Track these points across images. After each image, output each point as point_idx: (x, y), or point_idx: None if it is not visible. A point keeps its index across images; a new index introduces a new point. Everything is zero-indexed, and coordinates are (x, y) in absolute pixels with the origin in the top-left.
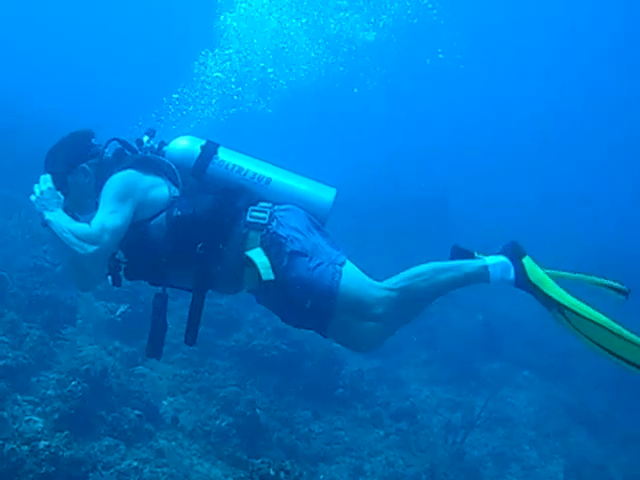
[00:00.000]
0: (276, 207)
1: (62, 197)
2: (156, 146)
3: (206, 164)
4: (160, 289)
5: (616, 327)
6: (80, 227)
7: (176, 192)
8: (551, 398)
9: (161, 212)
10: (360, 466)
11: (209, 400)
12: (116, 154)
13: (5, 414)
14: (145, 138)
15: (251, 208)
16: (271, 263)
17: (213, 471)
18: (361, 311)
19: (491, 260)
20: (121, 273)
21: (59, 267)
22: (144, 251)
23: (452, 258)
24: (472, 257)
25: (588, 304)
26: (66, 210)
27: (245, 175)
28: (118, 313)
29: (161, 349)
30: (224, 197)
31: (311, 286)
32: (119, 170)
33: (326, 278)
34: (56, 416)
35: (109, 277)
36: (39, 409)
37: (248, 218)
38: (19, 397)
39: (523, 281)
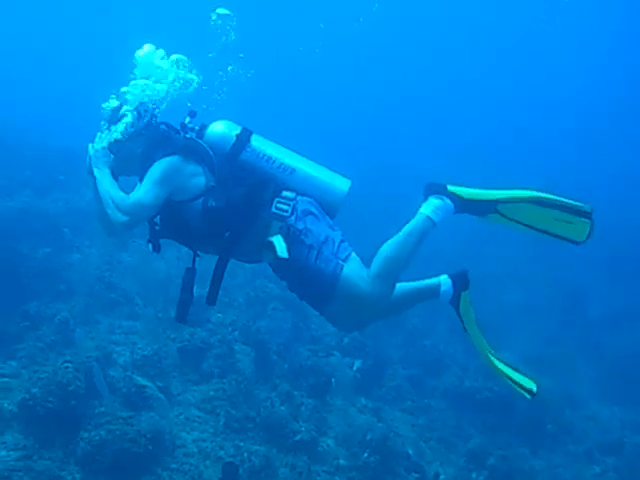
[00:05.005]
0: (298, 198)
1: (112, 156)
2: (197, 128)
3: (240, 151)
4: (190, 263)
5: (546, 195)
6: (120, 197)
7: (212, 181)
8: None
9: (198, 197)
10: None
11: (449, 449)
12: (163, 134)
13: None
14: (187, 119)
15: (276, 200)
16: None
17: None
18: (354, 302)
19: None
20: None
21: (289, 323)
22: (178, 225)
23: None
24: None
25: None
26: (111, 170)
27: (273, 164)
28: (355, 368)
29: (187, 317)
30: (253, 190)
31: (316, 276)
32: (167, 154)
33: (329, 270)
34: None
35: (150, 244)
36: (337, 478)
37: (273, 209)
38: (317, 468)
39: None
